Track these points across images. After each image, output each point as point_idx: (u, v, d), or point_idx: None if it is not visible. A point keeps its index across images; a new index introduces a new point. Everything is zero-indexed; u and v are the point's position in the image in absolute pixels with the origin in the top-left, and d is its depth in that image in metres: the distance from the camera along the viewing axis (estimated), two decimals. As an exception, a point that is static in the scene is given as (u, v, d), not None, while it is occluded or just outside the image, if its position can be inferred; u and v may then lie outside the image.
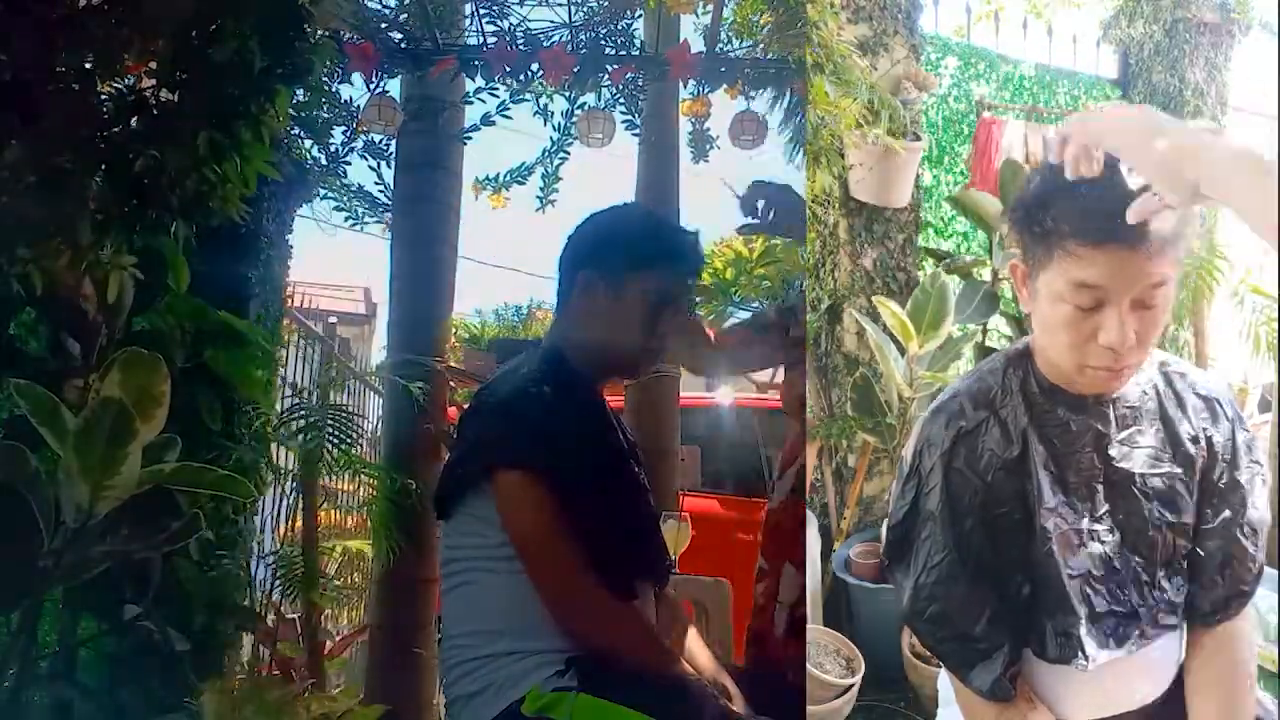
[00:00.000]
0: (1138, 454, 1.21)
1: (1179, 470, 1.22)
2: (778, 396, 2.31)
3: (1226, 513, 1.24)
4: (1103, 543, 1.19)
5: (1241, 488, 1.24)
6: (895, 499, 1.27)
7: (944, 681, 1.47)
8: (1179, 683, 1.28)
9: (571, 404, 1.39)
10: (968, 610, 1.19)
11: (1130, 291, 1.07)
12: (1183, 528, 1.23)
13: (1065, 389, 1.21)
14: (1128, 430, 1.21)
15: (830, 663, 2.50)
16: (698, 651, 1.55)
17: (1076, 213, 1.07)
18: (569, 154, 3.74)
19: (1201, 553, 1.24)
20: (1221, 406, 1.26)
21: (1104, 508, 1.20)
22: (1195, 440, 1.23)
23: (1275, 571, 1.36)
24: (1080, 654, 1.17)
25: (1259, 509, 1.25)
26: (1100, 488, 1.20)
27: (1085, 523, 1.19)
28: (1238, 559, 1.24)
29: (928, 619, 1.22)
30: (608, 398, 1.58)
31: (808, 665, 2.09)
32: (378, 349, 6.97)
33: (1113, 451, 1.20)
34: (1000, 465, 1.19)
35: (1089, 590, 1.18)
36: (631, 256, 1.46)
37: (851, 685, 2.42)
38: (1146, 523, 1.21)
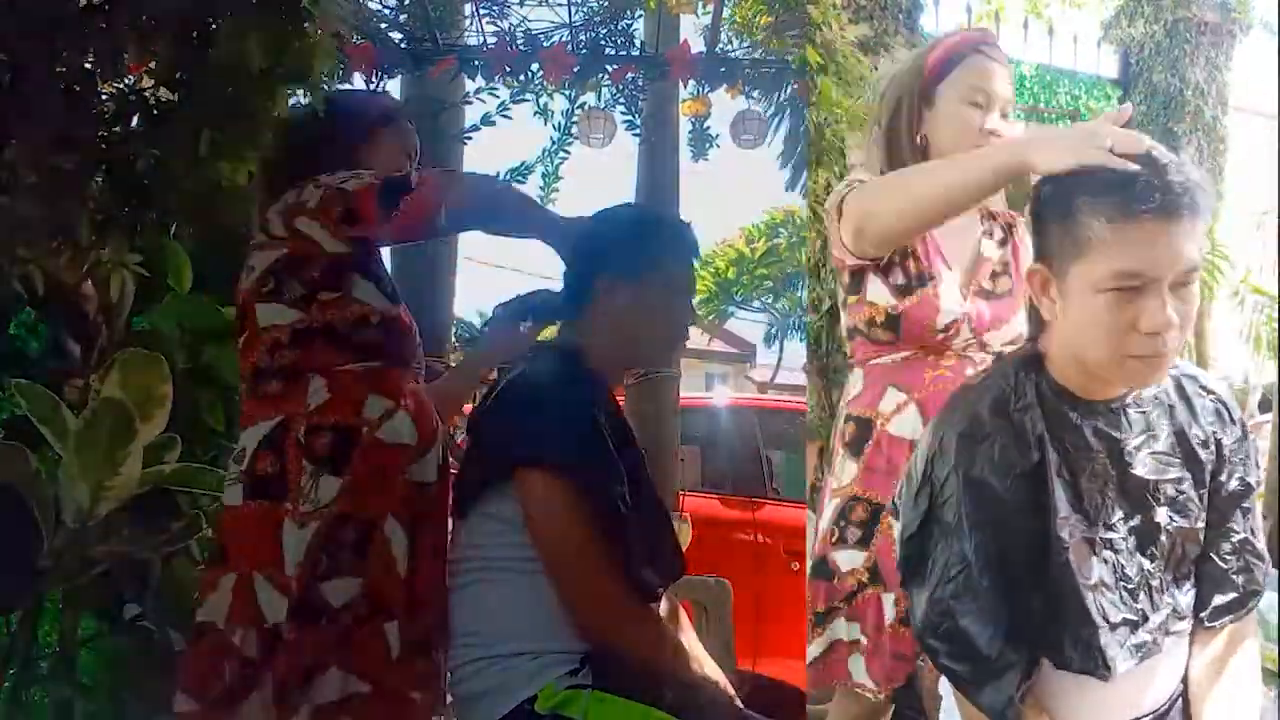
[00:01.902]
0: (1150, 459, 1.19)
1: (1189, 475, 1.21)
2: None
3: (1239, 516, 1.24)
4: (1116, 551, 1.18)
5: (1252, 490, 1.23)
6: (906, 510, 1.23)
7: (946, 686, 1.47)
8: (1183, 684, 1.27)
9: (593, 405, 1.40)
10: (982, 626, 1.15)
11: (1171, 271, 1.05)
12: (1194, 533, 1.22)
13: (1079, 393, 1.19)
14: (1140, 435, 1.20)
15: (831, 663, 2.49)
16: (695, 651, 1.55)
17: (1109, 190, 1.06)
18: (569, 153, 3.74)
19: (1215, 556, 1.23)
20: (1229, 409, 1.25)
21: (1117, 515, 1.18)
22: (1205, 444, 1.22)
23: (1275, 571, 1.36)
24: (1101, 664, 1.14)
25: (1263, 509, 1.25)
26: (1113, 495, 1.18)
27: (1099, 531, 1.17)
28: (1251, 561, 1.23)
29: (941, 635, 1.17)
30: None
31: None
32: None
33: (1126, 458, 1.18)
34: (1017, 473, 1.16)
35: (1105, 600, 1.16)
36: (647, 252, 1.50)
37: (852, 685, 2.41)
38: (1159, 529, 1.20)
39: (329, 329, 1.41)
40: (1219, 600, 1.23)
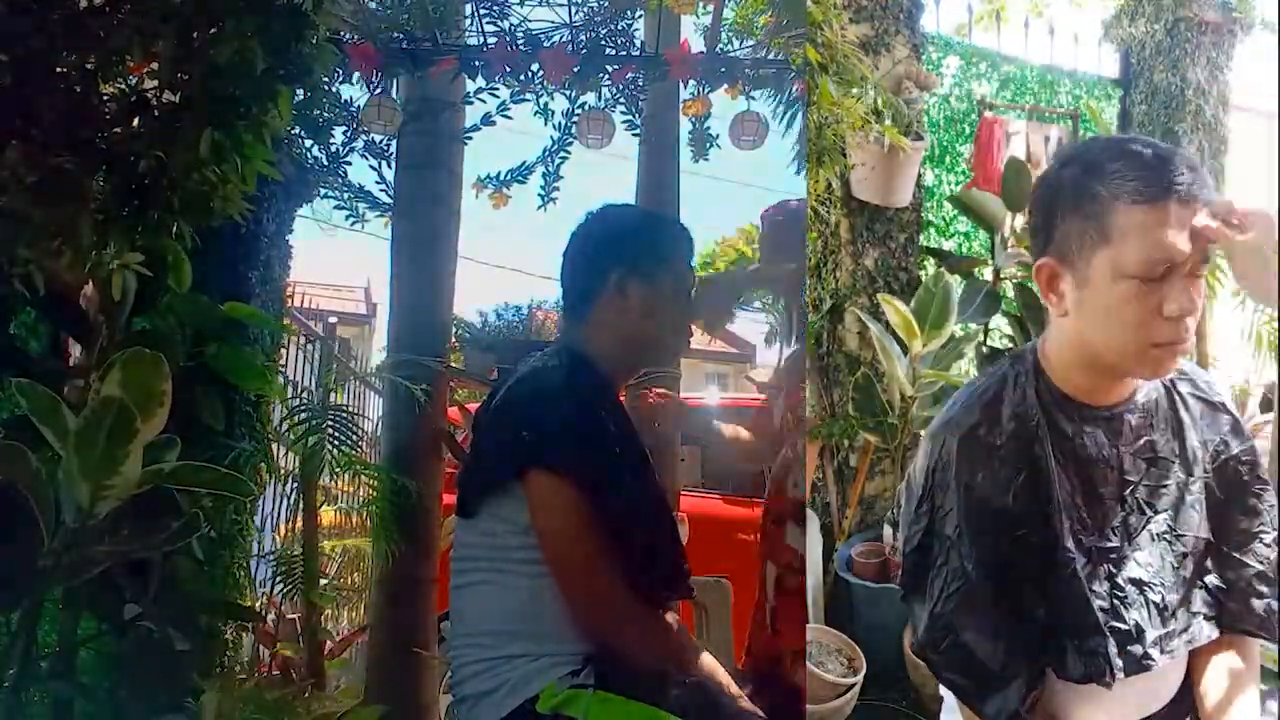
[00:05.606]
0: (1151, 465, 1.19)
1: (1192, 480, 1.20)
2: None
3: (1251, 520, 1.22)
4: (1121, 559, 1.17)
5: (1263, 495, 1.22)
6: (908, 524, 1.22)
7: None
8: (1184, 685, 1.27)
9: (599, 407, 1.40)
10: (984, 640, 1.14)
11: (1193, 256, 1.05)
12: (1197, 540, 1.21)
13: (1079, 398, 1.18)
14: (1141, 441, 1.19)
15: (832, 662, 2.49)
16: (698, 650, 1.55)
17: (1135, 174, 1.06)
18: (570, 153, 3.74)
19: (1218, 562, 1.22)
20: (1229, 413, 1.24)
21: (1120, 522, 1.17)
22: (1205, 446, 1.21)
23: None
24: (1107, 670, 1.14)
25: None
26: (1116, 503, 1.17)
27: (1103, 539, 1.16)
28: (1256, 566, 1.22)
29: (944, 650, 1.16)
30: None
31: (809, 664, 2.09)
32: (378, 349, 6.98)
33: (1127, 464, 1.17)
34: (1019, 484, 1.15)
35: (1110, 608, 1.15)
36: (659, 250, 1.51)
37: (853, 684, 2.42)
38: (1161, 536, 1.19)
39: None
40: (1226, 607, 1.22)
